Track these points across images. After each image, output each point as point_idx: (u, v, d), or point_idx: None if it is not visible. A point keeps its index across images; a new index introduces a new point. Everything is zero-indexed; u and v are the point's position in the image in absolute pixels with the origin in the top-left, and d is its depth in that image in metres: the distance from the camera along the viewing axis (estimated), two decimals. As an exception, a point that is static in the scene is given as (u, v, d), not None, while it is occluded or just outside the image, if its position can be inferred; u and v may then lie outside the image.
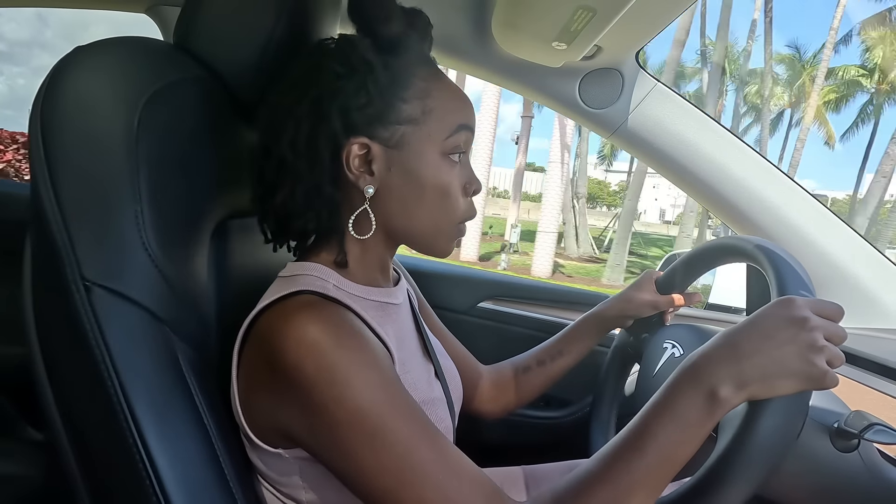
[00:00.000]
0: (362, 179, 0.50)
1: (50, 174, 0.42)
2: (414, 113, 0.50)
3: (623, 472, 0.41)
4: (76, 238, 0.41)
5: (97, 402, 0.41)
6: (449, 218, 0.53)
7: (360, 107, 0.48)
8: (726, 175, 0.89)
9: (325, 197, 0.49)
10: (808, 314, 0.42)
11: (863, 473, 0.52)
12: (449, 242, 0.55)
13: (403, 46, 0.50)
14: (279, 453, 0.46)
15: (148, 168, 0.44)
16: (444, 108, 0.51)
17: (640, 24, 0.74)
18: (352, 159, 0.49)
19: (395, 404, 0.42)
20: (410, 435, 0.41)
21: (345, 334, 0.42)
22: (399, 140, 0.50)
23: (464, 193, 0.54)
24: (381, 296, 0.55)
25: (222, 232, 0.56)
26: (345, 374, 0.40)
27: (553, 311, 1.15)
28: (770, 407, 0.42)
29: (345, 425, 0.40)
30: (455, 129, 0.51)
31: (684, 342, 0.66)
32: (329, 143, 0.48)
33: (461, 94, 0.53)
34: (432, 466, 0.41)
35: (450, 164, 0.52)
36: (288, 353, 0.40)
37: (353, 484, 0.42)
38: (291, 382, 0.41)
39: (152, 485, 0.40)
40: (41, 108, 0.43)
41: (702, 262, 0.70)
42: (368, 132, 0.49)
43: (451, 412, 0.59)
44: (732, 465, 0.43)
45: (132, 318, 0.42)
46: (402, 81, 0.49)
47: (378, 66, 0.48)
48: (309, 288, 0.47)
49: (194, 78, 0.52)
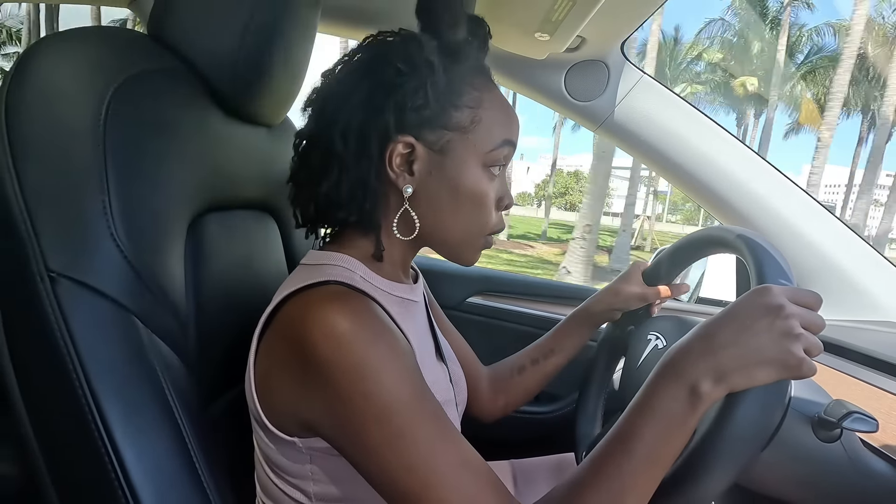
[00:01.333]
0: (402, 178, 0.50)
1: (14, 163, 0.41)
2: (463, 121, 0.50)
3: (613, 476, 0.41)
4: (40, 229, 0.40)
5: (62, 394, 0.40)
6: (480, 229, 0.53)
7: (415, 107, 0.47)
8: (713, 166, 0.89)
9: (368, 190, 0.49)
10: (783, 302, 0.41)
11: (845, 463, 0.52)
12: (476, 252, 0.55)
13: (465, 53, 0.50)
14: (293, 442, 0.45)
15: (116, 159, 0.43)
16: (493, 120, 0.51)
17: (624, 15, 0.74)
18: (395, 157, 0.49)
19: (421, 402, 0.41)
20: (435, 434, 0.41)
21: (374, 328, 0.42)
22: (444, 145, 0.49)
23: (497, 207, 0.54)
24: (403, 292, 0.54)
25: (200, 226, 0.56)
26: (374, 369, 0.40)
27: (542, 305, 1.15)
28: (746, 396, 0.41)
29: (372, 421, 0.39)
30: (500, 144, 0.51)
31: (667, 333, 0.66)
32: (379, 138, 0.48)
33: (510, 109, 0.53)
34: (453, 466, 0.41)
35: (489, 176, 0.52)
36: (316, 344, 0.40)
37: (374, 479, 0.41)
38: (318, 374, 0.40)
39: (118, 478, 0.39)
40: (6, 96, 0.42)
41: (687, 253, 0.70)
42: (417, 133, 0.49)
43: (458, 414, 0.59)
44: (709, 456, 0.42)
45: (99, 310, 0.42)
46: (457, 88, 0.49)
47: (439, 69, 0.48)
48: (337, 279, 0.46)
49: (168, 68, 0.51)
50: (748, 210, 0.89)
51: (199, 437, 0.46)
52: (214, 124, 0.57)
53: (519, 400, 0.79)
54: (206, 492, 0.44)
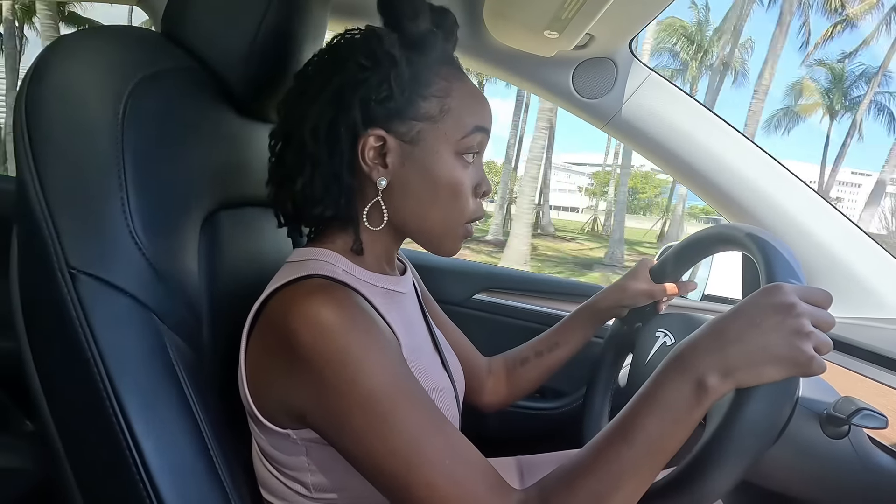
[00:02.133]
0: (376, 171, 0.50)
1: (35, 163, 0.42)
2: (432, 111, 0.50)
3: (612, 462, 0.41)
4: (61, 226, 0.41)
5: (84, 390, 0.41)
6: (458, 217, 0.54)
7: (381, 100, 0.48)
8: (721, 164, 0.89)
9: (343, 185, 0.50)
10: (794, 300, 0.41)
11: (853, 459, 0.52)
12: (456, 242, 0.56)
13: (429, 44, 0.51)
14: (287, 434, 0.46)
15: (133, 156, 0.44)
16: (463, 108, 0.52)
17: (633, 12, 0.74)
18: (367, 150, 0.50)
19: (404, 389, 0.42)
20: (420, 420, 0.42)
21: (356, 317, 0.43)
22: (415, 136, 0.50)
23: (474, 194, 0.55)
24: (387, 283, 0.55)
25: (213, 223, 0.56)
26: (357, 356, 0.41)
27: (548, 302, 1.15)
28: (756, 393, 0.42)
29: (356, 408, 0.40)
30: (471, 130, 0.52)
31: (676, 330, 0.66)
32: (348, 133, 0.49)
33: (480, 96, 0.54)
34: (440, 452, 0.41)
35: (463, 163, 0.52)
36: (301, 335, 0.41)
37: (361, 466, 0.42)
38: (304, 364, 0.41)
39: (139, 471, 0.40)
40: (25, 96, 0.43)
41: (695, 250, 0.70)
42: (386, 125, 0.50)
43: (456, 402, 0.59)
44: (718, 452, 0.43)
45: (118, 306, 0.42)
46: (423, 79, 0.50)
47: (402, 62, 0.49)
48: (320, 272, 0.48)
49: (183, 67, 0.52)
50: (755, 207, 0.89)
51: (215, 430, 0.47)
52: (228, 122, 0.58)
53: (521, 391, 0.79)
54: (223, 483, 0.45)
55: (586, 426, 0.77)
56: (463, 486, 0.41)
